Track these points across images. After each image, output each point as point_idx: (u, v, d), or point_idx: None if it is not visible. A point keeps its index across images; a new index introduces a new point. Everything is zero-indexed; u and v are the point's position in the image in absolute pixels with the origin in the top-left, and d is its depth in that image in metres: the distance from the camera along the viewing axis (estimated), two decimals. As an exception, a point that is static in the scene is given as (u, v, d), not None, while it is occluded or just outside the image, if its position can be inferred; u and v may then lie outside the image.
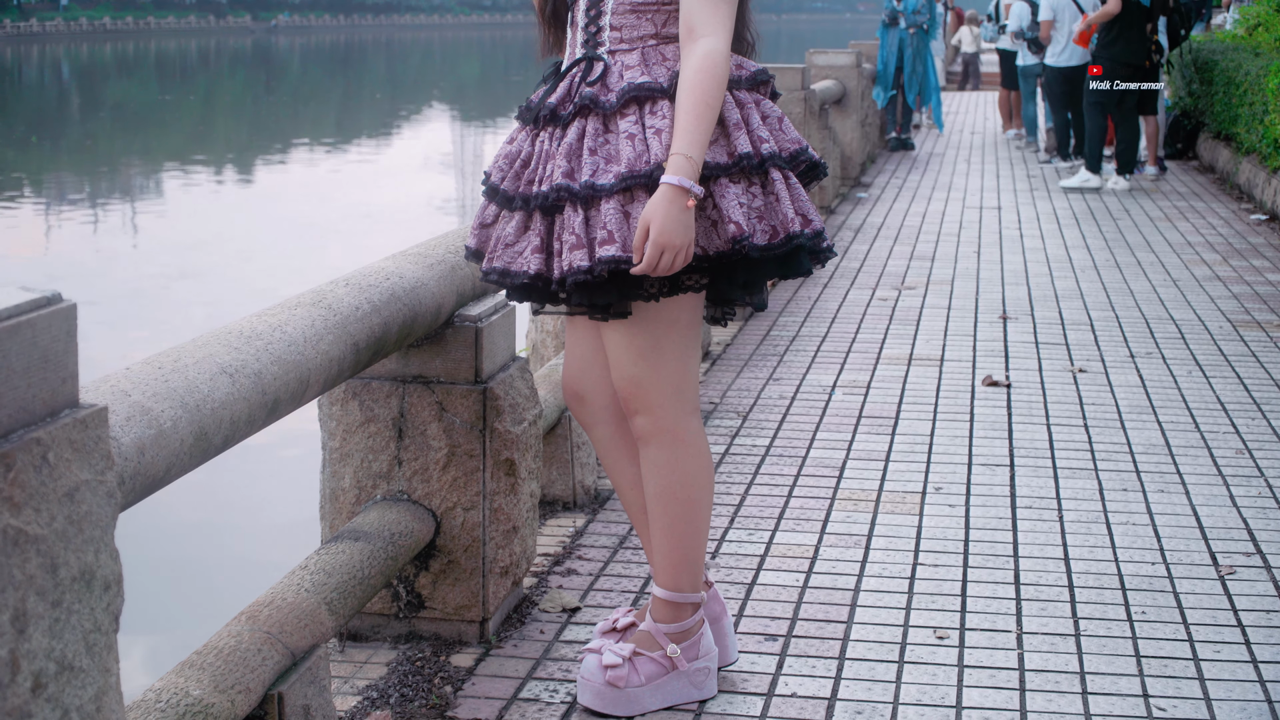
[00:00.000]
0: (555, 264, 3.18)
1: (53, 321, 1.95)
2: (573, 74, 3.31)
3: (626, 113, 3.20)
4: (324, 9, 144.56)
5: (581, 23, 3.35)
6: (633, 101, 3.21)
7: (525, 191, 3.26)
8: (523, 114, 3.40)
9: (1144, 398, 6.65)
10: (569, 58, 3.38)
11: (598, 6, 3.32)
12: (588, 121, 3.22)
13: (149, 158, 31.40)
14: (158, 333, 13.17)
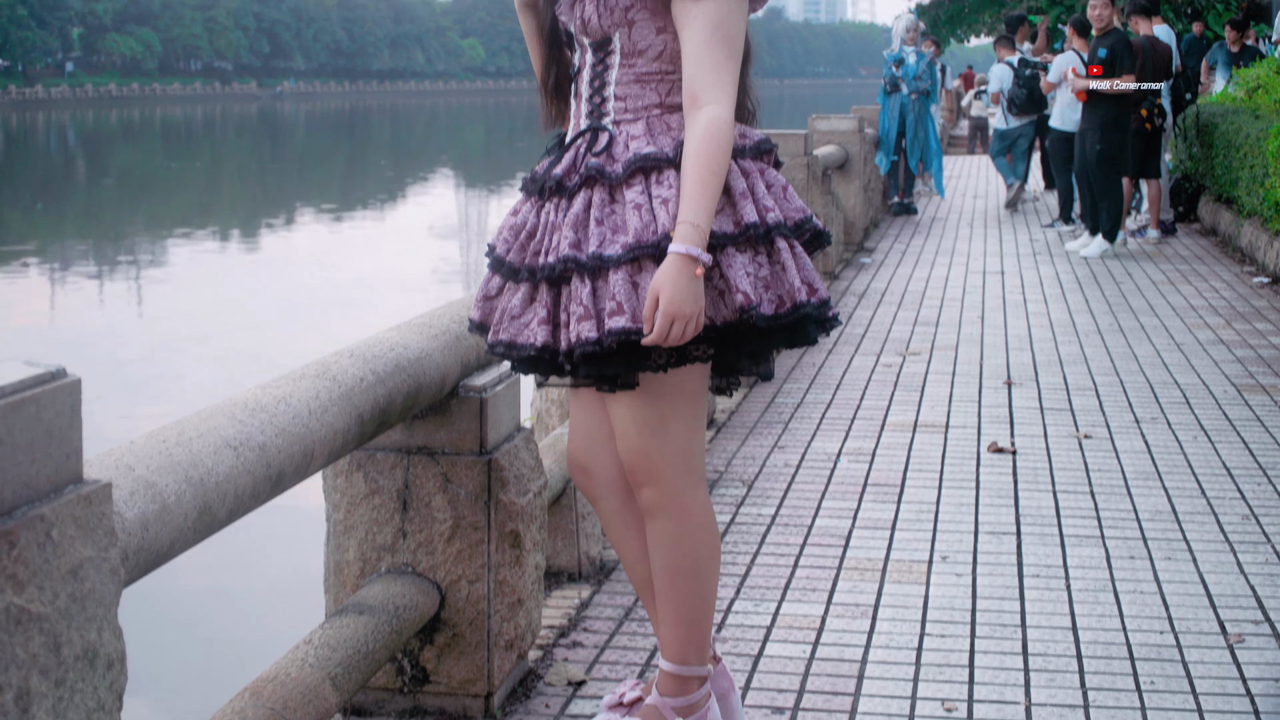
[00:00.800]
0: (562, 335, 3.16)
1: (57, 397, 1.95)
2: (578, 145, 3.31)
3: (632, 183, 3.19)
4: (329, 75, 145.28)
5: (585, 94, 3.35)
6: (639, 172, 3.20)
7: (531, 263, 3.25)
8: (527, 185, 3.40)
9: (1150, 463, 6.63)
10: (573, 129, 3.38)
11: (602, 77, 3.32)
12: (594, 192, 3.21)
13: (154, 225, 31.47)
14: (162, 402, 13.17)
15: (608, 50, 3.31)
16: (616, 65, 3.30)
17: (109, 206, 36.31)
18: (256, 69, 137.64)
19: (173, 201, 37.56)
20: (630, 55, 3.29)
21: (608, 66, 3.31)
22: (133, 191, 41.05)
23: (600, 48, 3.31)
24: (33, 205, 36.58)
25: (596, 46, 3.32)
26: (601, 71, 3.32)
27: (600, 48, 3.31)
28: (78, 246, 27.70)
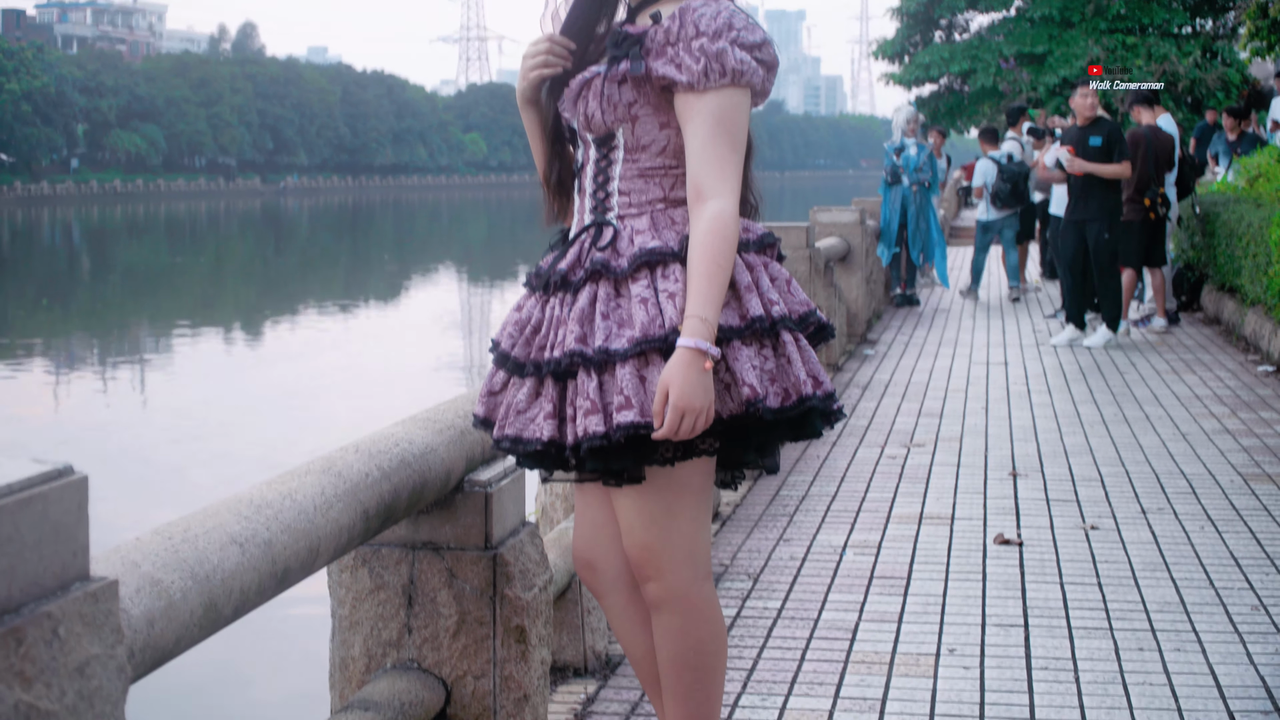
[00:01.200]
0: (569, 430, 3.16)
1: (64, 494, 1.95)
2: (582, 240, 3.32)
3: (638, 277, 3.20)
4: (332, 170, 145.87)
5: (589, 189, 3.37)
6: (644, 266, 3.21)
7: (537, 358, 3.25)
8: (531, 280, 3.41)
9: (1157, 554, 6.61)
10: (577, 224, 3.39)
11: (605, 172, 3.34)
12: (599, 286, 3.22)
13: (159, 319, 31.55)
14: (167, 496, 13.16)
15: (611, 145, 3.33)
16: (620, 160, 3.32)
17: (113, 301, 36.42)
18: (260, 164, 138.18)
19: (177, 296, 37.67)
20: (634, 150, 3.31)
21: (611, 162, 3.33)
22: (137, 287, 41.18)
23: (604, 143, 3.33)
24: (38, 300, 36.69)
25: (600, 142, 3.34)
26: (605, 167, 3.34)
27: (604, 143, 3.33)
28: (83, 341, 27.76)
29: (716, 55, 3.18)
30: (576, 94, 3.33)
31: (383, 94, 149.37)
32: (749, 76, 3.21)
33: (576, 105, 3.33)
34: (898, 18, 43.96)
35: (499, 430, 3.28)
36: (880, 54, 44.42)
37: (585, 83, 3.32)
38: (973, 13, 43.73)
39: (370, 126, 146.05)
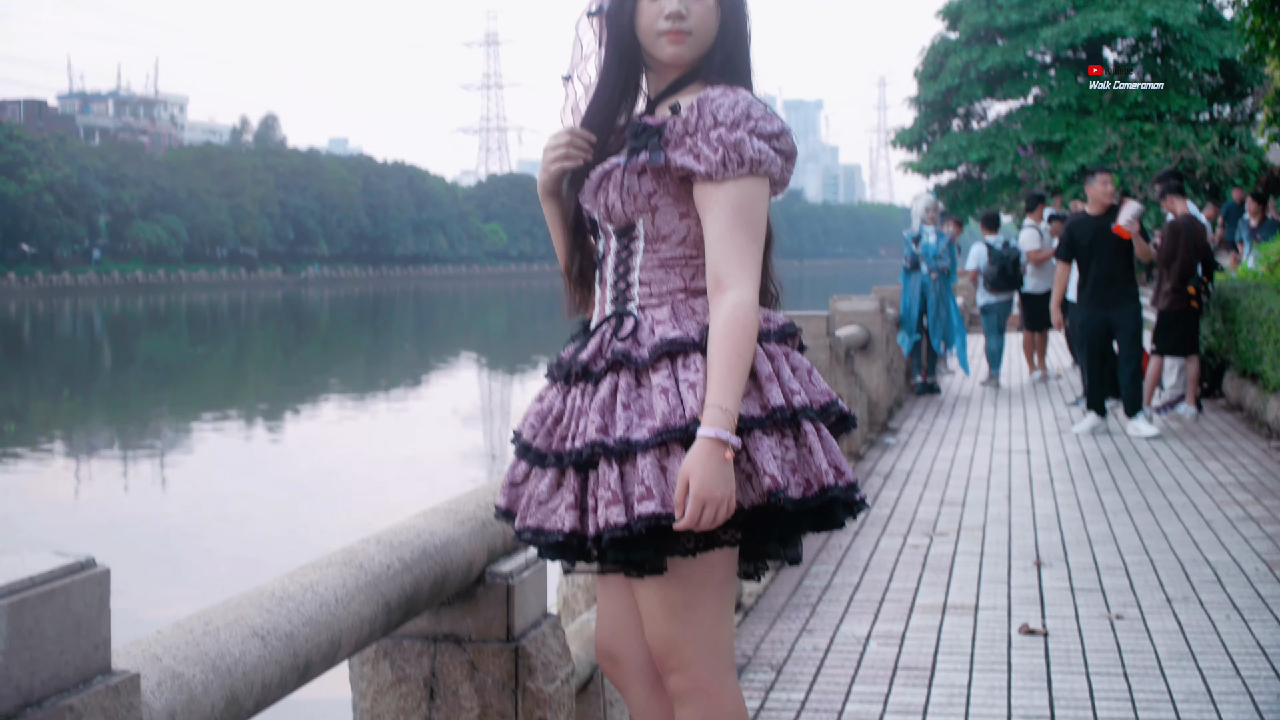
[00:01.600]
0: (590, 521, 3.15)
1: (86, 588, 1.95)
2: (603, 330, 3.33)
3: (659, 367, 3.20)
4: (353, 260, 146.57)
5: (610, 279, 3.38)
6: (665, 356, 3.21)
7: (558, 448, 3.25)
8: (553, 371, 3.41)
9: (1183, 643, 6.56)
10: (598, 315, 3.40)
11: (626, 263, 3.35)
12: (620, 377, 3.22)
13: (180, 410, 31.61)
14: (189, 587, 13.14)
15: (632, 236, 3.34)
16: (640, 251, 3.34)
17: (135, 391, 36.50)
18: (282, 255, 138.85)
19: (198, 386, 37.77)
20: (654, 241, 3.32)
21: (632, 252, 3.35)
22: (159, 377, 41.29)
23: (624, 234, 3.35)
24: (59, 391, 36.80)
25: (620, 233, 3.35)
26: (626, 257, 3.35)
27: (624, 234, 3.35)
28: (104, 431, 27.81)
29: (734, 145, 3.19)
30: (597, 185, 3.35)
31: (403, 184, 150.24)
32: (767, 166, 3.22)
33: (597, 196, 3.35)
34: (916, 107, 44.24)
35: (520, 521, 3.27)
36: (899, 142, 44.67)
37: (605, 174, 3.33)
38: (990, 101, 44.01)
39: (391, 217, 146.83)
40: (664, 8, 3.31)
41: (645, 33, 3.35)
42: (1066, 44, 40.67)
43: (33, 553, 1.98)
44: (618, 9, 3.38)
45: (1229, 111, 40.45)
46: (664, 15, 3.31)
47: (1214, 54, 39.10)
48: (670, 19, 3.30)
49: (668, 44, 3.33)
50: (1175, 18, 38.75)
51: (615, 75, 3.44)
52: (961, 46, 43.10)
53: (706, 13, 3.33)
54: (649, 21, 3.33)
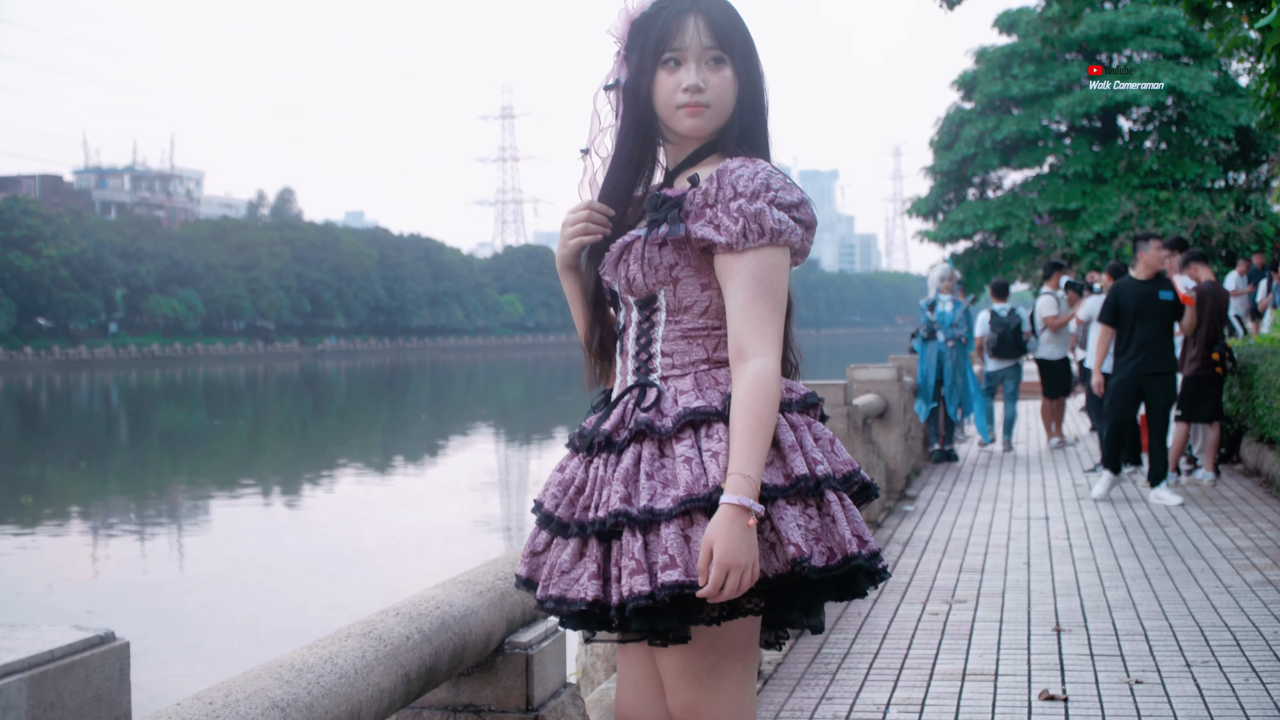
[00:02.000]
0: (613, 590, 3.15)
1: (106, 661, 1.95)
2: (625, 401, 3.35)
3: (682, 437, 3.21)
4: (369, 332, 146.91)
5: (632, 351, 3.40)
6: (688, 425, 3.22)
7: (581, 518, 3.26)
8: (574, 441, 3.42)
9: (1202, 708, 6.53)
10: (620, 385, 3.42)
11: (648, 334, 3.37)
12: (643, 447, 3.23)
13: (197, 482, 31.63)
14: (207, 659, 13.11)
15: (653, 308, 3.36)
16: (662, 322, 3.36)
17: (152, 464, 36.52)
18: (298, 328, 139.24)
19: (215, 459, 37.79)
20: (676, 312, 3.35)
21: (654, 324, 3.37)
22: (175, 449, 41.32)
23: (645, 305, 3.37)
24: (76, 464, 36.82)
25: (642, 304, 3.37)
26: (648, 329, 3.37)
27: (645, 305, 3.37)
28: (121, 503, 27.81)
29: (755, 215, 3.22)
30: (617, 258, 3.37)
31: (420, 256, 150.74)
32: (787, 236, 3.24)
33: (618, 269, 3.37)
34: (931, 176, 44.34)
35: (543, 591, 3.28)
36: (914, 212, 44.75)
37: (626, 246, 3.36)
38: (1006, 170, 44.10)
39: (407, 289, 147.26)
40: (682, 81, 3.35)
41: (663, 105, 3.38)
42: (1081, 113, 40.79)
43: (53, 626, 1.98)
44: (635, 82, 3.41)
45: (1244, 178, 40.50)
46: (682, 88, 3.34)
47: (1229, 121, 39.18)
48: (688, 92, 3.34)
49: (686, 116, 3.36)
50: (1190, 85, 38.85)
51: (632, 148, 3.46)
52: (977, 116, 43.23)
53: (724, 85, 3.36)
54: (667, 94, 3.36)
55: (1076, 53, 42.49)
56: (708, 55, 3.35)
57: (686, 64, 3.36)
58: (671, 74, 3.37)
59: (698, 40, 3.34)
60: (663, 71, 3.37)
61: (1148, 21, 40.59)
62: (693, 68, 3.35)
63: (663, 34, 3.36)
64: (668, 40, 3.36)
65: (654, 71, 3.38)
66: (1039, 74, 41.81)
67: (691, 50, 3.35)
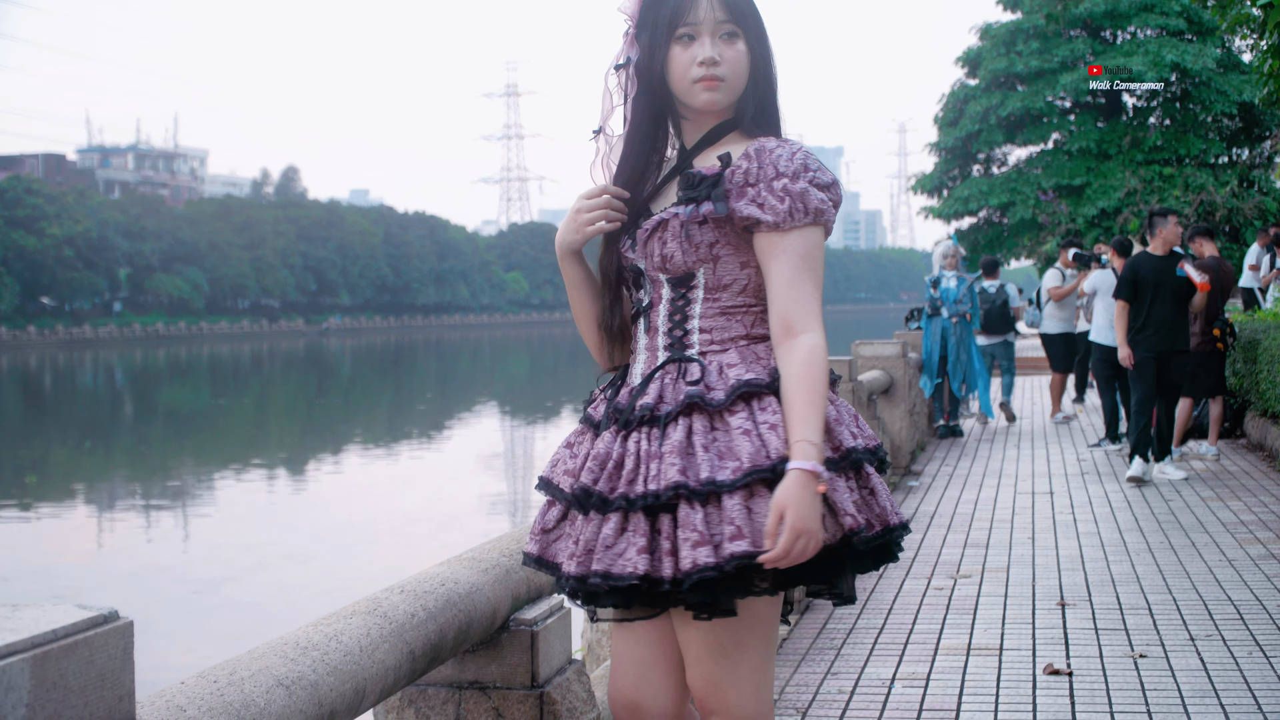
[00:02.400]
0: (665, 563, 3.15)
1: (109, 640, 1.95)
2: (661, 376, 3.35)
3: (735, 409, 3.24)
4: (374, 310, 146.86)
5: (664, 327, 3.40)
6: (740, 398, 3.25)
7: (627, 491, 3.23)
8: (600, 417, 3.43)
9: (1206, 682, 6.54)
10: (645, 362, 3.42)
11: (683, 311, 3.38)
12: (693, 419, 3.24)
13: (201, 461, 31.65)
14: (212, 638, 13.14)
15: (690, 285, 3.38)
16: (700, 299, 3.38)
17: (156, 443, 36.56)
18: (303, 306, 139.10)
19: (220, 438, 37.81)
20: (715, 290, 3.37)
21: (689, 300, 3.38)
22: (180, 428, 41.36)
23: (681, 283, 3.39)
24: (81, 443, 36.86)
25: (676, 282, 3.39)
26: (682, 305, 3.39)
27: (681, 283, 3.39)
28: (126, 483, 27.85)
29: (800, 195, 3.26)
30: (649, 236, 3.38)
31: (425, 235, 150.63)
32: (828, 215, 3.30)
33: (649, 246, 3.38)
34: (936, 153, 44.26)
35: (578, 566, 3.25)
36: (919, 188, 44.67)
37: (660, 224, 3.37)
38: (1010, 146, 44.03)
39: (412, 267, 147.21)
40: (697, 55, 3.36)
41: (678, 81, 3.40)
42: (1085, 89, 40.71)
43: (56, 606, 1.98)
44: (648, 59, 3.42)
45: (1248, 154, 40.42)
46: (697, 62, 3.36)
47: (1233, 98, 39.10)
48: (704, 65, 3.36)
49: (702, 90, 3.37)
50: (1194, 62, 38.77)
51: (646, 127, 3.48)
52: (981, 93, 43.12)
53: (738, 59, 3.38)
54: (682, 69, 3.38)
55: (1081, 29, 42.41)
56: (722, 29, 3.37)
57: (701, 38, 3.37)
58: (686, 49, 3.38)
59: (712, 14, 3.36)
60: (677, 46, 3.38)
61: (1152, -2, 40.55)
62: (707, 41, 3.36)
63: (677, 9, 3.37)
64: (682, 15, 3.37)
65: (668, 47, 3.39)
66: (1043, 50, 41.73)
67: (706, 24, 3.36)
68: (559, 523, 3.38)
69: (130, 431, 40.63)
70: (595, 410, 3.48)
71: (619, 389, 3.45)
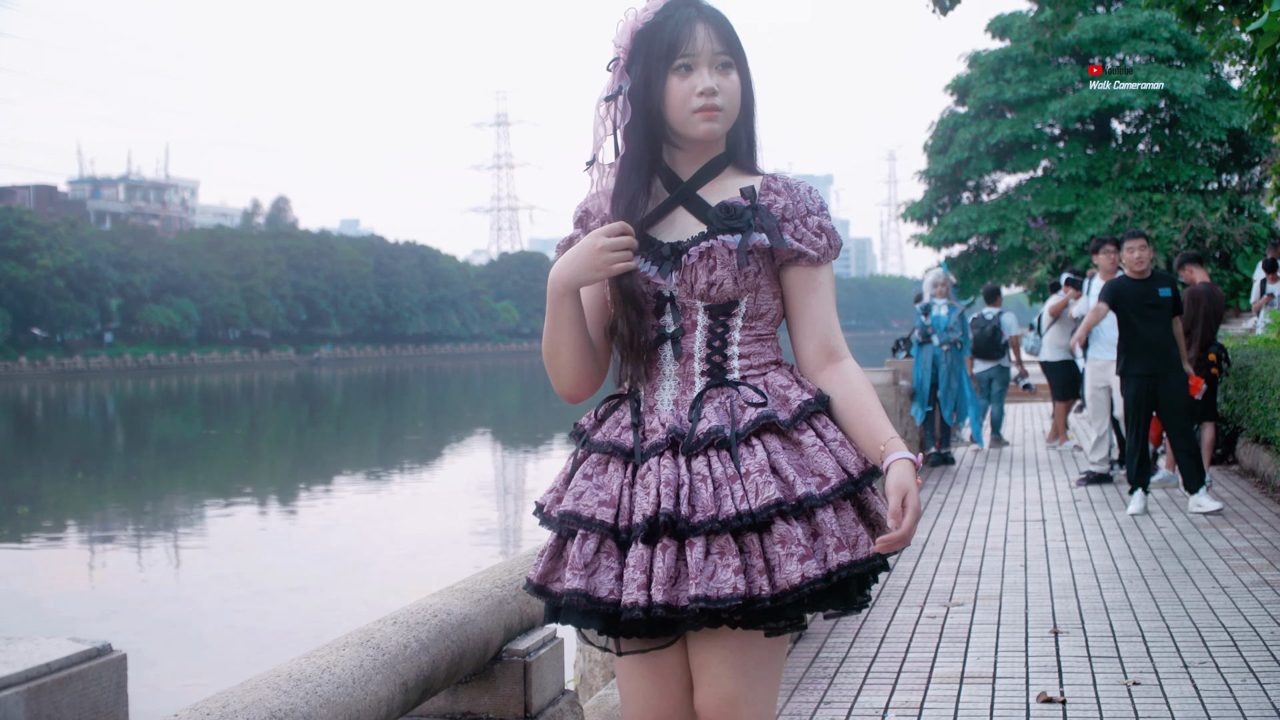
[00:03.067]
0: (760, 581, 3.19)
1: (103, 673, 1.95)
2: (714, 400, 3.40)
3: (802, 428, 3.36)
4: (365, 340, 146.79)
5: (701, 354, 3.44)
6: (803, 418, 3.36)
7: (715, 514, 3.24)
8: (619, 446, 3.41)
9: (1200, 709, 6.54)
10: (678, 388, 3.44)
11: (722, 338, 3.45)
12: (765, 439, 3.33)
13: (193, 491, 31.61)
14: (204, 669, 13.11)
15: (730, 313, 3.45)
16: (739, 327, 3.46)
17: (148, 473, 36.49)
18: (294, 336, 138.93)
19: (212, 468, 37.75)
20: (752, 318, 3.46)
21: (729, 328, 3.45)
22: (172, 458, 41.29)
23: (722, 310, 3.44)
24: (72, 474, 36.80)
25: (716, 310, 3.44)
26: (721, 333, 3.45)
27: (722, 310, 3.44)
28: (118, 513, 27.79)
29: (831, 233, 3.47)
30: (696, 263, 3.41)
31: (415, 264, 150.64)
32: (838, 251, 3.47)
33: (693, 274, 3.42)
34: (925, 180, 44.30)
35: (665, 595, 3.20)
36: (909, 216, 44.71)
37: (705, 253, 3.40)
38: (1000, 174, 44.06)
39: (403, 296, 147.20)
40: (696, 85, 3.41)
41: (676, 111, 3.43)
42: (1075, 116, 40.73)
43: (49, 639, 1.98)
44: (644, 89, 3.45)
45: (1237, 180, 40.48)
46: (697, 92, 3.41)
47: (1222, 124, 39.12)
48: (704, 95, 3.40)
49: (700, 121, 3.43)
50: (1183, 89, 38.82)
51: (641, 156, 3.50)
52: (970, 120, 43.16)
53: (733, 90, 3.46)
54: (680, 99, 3.42)
55: (1069, 56, 42.48)
56: (718, 60, 3.43)
57: (699, 68, 3.42)
58: (684, 79, 3.42)
59: (709, 45, 3.41)
60: (674, 77, 3.42)
61: (1140, 25, 40.56)
62: (705, 72, 3.41)
63: (674, 40, 3.41)
64: (680, 46, 3.41)
65: (665, 77, 3.42)
66: (1032, 78, 41.78)
67: (704, 55, 3.41)
68: (595, 555, 3.34)
69: (122, 462, 40.55)
70: (622, 438, 3.43)
71: (640, 416, 3.45)
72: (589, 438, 3.49)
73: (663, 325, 3.48)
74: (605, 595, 3.27)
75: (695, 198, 3.48)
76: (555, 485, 3.50)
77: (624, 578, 3.25)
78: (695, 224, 3.46)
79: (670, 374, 3.46)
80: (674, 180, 3.51)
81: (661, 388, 3.47)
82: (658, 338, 3.48)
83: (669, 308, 3.46)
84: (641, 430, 3.42)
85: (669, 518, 3.25)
